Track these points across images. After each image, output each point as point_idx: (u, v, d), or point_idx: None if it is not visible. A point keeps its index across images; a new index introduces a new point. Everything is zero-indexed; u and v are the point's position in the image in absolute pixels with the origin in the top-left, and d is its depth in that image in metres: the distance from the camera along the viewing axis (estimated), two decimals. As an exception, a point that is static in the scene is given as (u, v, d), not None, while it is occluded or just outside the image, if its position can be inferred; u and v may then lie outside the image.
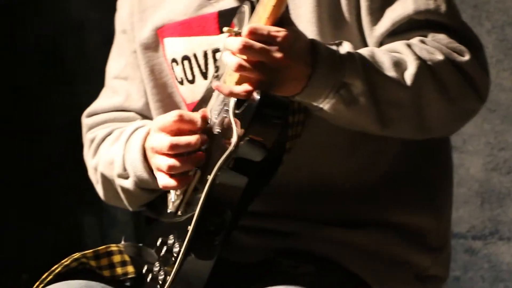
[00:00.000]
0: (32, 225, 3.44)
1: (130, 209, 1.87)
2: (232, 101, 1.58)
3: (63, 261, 1.73)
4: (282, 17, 1.48)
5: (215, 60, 1.79)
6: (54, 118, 2.97)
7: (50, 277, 1.70)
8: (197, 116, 1.65)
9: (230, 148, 1.52)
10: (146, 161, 1.74)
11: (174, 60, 1.83)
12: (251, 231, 1.65)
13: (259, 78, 1.50)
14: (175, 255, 1.66)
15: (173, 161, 1.61)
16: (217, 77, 1.72)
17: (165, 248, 1.70)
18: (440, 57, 1.62)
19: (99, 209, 3.30)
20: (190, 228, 1.56)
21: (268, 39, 1.47)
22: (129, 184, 1.79)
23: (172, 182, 1.64)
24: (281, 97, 1.52)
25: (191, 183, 1.66)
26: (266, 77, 1.49)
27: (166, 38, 1.85)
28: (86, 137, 1.97)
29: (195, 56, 1.81)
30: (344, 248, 1.68)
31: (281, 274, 1.60)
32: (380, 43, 1.65)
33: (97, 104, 1.99)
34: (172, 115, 1.64)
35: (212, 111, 1.67)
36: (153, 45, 1.88)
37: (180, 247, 1.65)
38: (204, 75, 1.81)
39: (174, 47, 1.86)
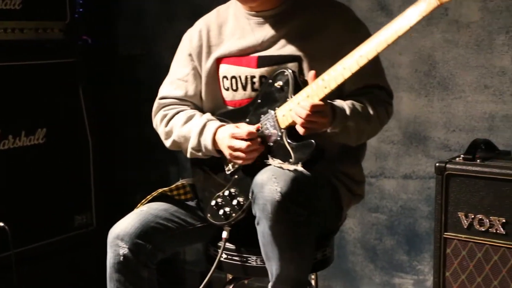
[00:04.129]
0: (142, 170, 3.73)
1: (188, 156, 2.11)
2: (285, 132, 1.90)
3: (154, 192, 2.12)
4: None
5: (251, 82, 2.04)
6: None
7: (148, 199, 2.11)
8: (254, 131, 1.95)
9: (288, 167, 1.82)
10: (214, 145, 2.01)
11: (225, 77, 2.08)
12: None
13: (312, 127, 1.85)
14: (241, 203, 1.97)
15: (244, 155, 1.93)
16: (260, 104, 1.99)
17: (235, 201, 1.97)
18: (381, 106, 2.02)
19: (177, 162, 3.52)
20: (250, 195, 1.84)
21: (320, 109, 1.82)
22: (199, 153, 2.06)
23: (241, 162, 1.95)
24: (321, 144, 1.83)
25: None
26: (314, 128, 1.85)
27: (222, 64, 2.08)
28: (160, 112, 2.15)
29: (240, 77, 2.06)
30: (331, 173, 2.05)
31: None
32: (350, 93, 1.99)
33: (166, 92, 2.16)
34: (245, 132, 1.93)
35: (264, 127, 1.96)
36: (212, 68, 2.10)
37: (245, 200, 1.96)
38: (244, 89, 2.05)
39: (227, 70, 2.07)
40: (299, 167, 1.79)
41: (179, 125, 2.10)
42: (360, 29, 2.00)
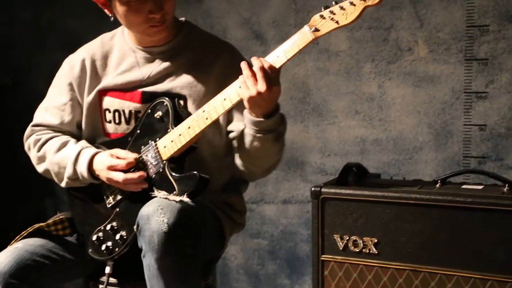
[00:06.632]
0: (18, 204, 3.64)
1: (62, 186, 2.05)
2: (167, 163, 1.88)
3: (30, 228, 2.06)
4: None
5: (135, 117, 2.02)
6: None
7: (23, 234, 2.04)
8: (132, 159, 1.92)
9: (174, 198, 1.80)
10: (90, 172, 1.97)
11: (107, 109, 2.05)
12: None
13: None
14: (124, 237, 1.94)
15: (124, 186, 1.92)
16: (140, 134, 1.97)
17: (118, 235, 1.94)
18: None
19: (54, 194, 3.53)
20: (135, 228, 1.82)
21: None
22: (76, 182, 2.03)
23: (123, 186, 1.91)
24: (204, 175, 1.82)
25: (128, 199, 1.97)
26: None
27: (105, 96, 2.05)
28: (33, 136, 2.10)
29: (123, 111, 2.04)
30: (214, 203, 2.06)
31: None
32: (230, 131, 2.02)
33: (40, 119, 2.11)
34: (123, 164, 1.91)
35: (146, 158, 1.94)
36: (94, 100, 2.06)
37: (128, 233, 1.93)
38: (127, 123, 2.04)
39: (110, 102, 2.04)
40: (185, 198, 1.79)
41: (52, 151, 2.06)
42: None
